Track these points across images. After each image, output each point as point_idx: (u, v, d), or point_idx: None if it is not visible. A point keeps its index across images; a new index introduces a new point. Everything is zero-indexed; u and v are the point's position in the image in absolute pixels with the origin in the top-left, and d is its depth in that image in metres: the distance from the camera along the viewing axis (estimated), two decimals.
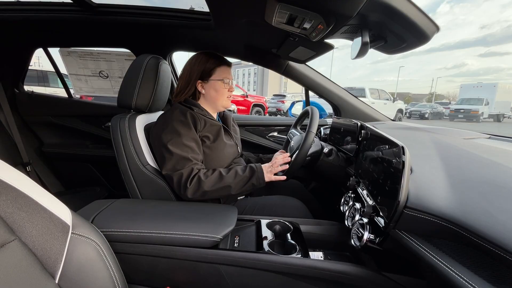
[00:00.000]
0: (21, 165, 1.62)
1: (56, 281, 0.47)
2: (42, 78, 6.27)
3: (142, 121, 1.00)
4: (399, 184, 0.52)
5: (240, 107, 9.39)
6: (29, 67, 1.69)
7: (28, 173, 1.65)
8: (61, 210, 0.50)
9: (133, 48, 1.49)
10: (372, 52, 0.85)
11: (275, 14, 0.71)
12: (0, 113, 1.57)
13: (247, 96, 9.87)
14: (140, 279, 0.72)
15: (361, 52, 0.71)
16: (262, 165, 0.97)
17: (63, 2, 1.17)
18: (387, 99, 10.80)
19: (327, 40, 0.92)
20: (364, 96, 9.38)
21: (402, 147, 0.56)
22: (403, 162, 0.53)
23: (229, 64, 1.04)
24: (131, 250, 0.69)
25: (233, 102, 9.11)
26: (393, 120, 1.51)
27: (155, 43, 1.44)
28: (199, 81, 1.01)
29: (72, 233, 0.50)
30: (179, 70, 1.49)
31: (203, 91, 1.02)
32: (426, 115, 16.95)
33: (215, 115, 1.08)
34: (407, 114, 16.74)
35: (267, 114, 10.26)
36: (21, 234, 0.44)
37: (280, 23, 0.78)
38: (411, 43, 0.72)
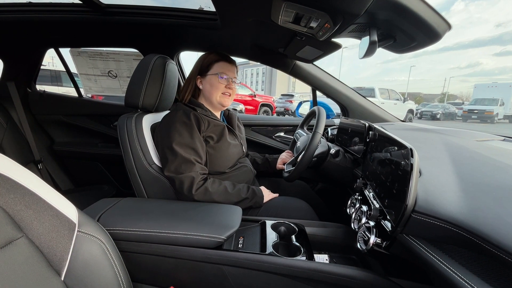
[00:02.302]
0: (33, 163, 1.67)
1: (62, 278, 0.47)
2: (55, 77, 6.46)
3: (148, 120, 1.01)
4: (407, 187, 0.51)
5: (248, 107, 9.40)
6: (43, 67, 1.74)
7: (39, 171, 1.69)
8: (67, 208, 0.51)
9: (141, 48, 1.51)
10: (382, 52, 0.83)
11: (281, 13, 0.71)
12: (13, 112, 1.61)
13: (255, 96, 9.86)
14: (144, 278, 0.73)
15: (369, 52, 0.69)
16: (262, 189, 1.03)
17: (72, 3, 1.19)
18: (397, 99, 10.58)
19: (335, 39, 0.90)
20: (374, 96, 9.20)
21: (411, 149, 0.54)
22: (411, 165, 0.51)
23: (229, 60, 1.03)
24: (136, 249, 0.70)
25: (241, 101, 9.12)
26: (402, 121, 1.48)
27: (163, 43, 1.45)
28: (198, 76, 1.03)
29: (78, 231, 0.51)
30: (186, 70, 1.50)
31: (200, 87, 1.03)
32: (438, 116, 16.54)
33: (218, 115, 1.08)
34: (418, 115, 16.38)
35: (275, 114, 10.23)
36: (28, 232, 0.45)
37: (286, 22, 0.77)
38: (422, 42, 0.70)
